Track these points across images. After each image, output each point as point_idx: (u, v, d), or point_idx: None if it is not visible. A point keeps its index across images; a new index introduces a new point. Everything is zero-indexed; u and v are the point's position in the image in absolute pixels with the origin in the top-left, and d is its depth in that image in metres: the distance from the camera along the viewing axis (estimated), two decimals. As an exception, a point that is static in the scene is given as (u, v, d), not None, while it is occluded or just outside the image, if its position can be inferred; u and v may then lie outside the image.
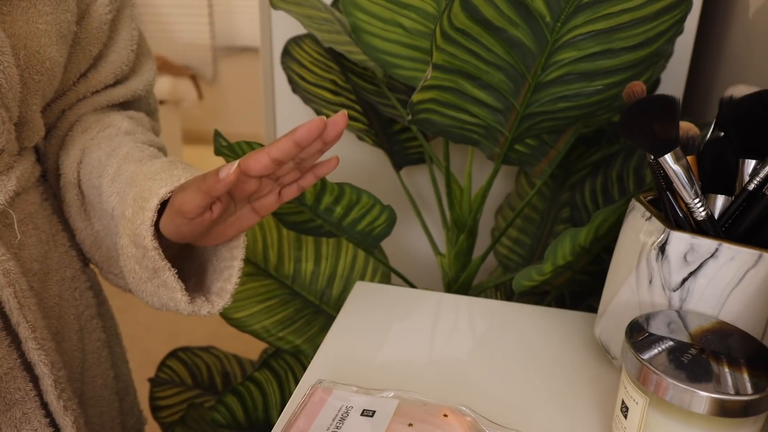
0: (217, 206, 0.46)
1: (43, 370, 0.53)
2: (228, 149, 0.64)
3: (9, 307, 0.51)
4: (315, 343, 0.83)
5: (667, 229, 0.48)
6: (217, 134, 0.64)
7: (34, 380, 0.53)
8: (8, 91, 0.49)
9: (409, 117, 0.67)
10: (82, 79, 0.61)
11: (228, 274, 0.52)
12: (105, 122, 0.61)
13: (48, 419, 0.54)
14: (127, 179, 0.53)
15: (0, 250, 0.51)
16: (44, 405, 0.54)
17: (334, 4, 0.91)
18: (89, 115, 0.62)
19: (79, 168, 0.58)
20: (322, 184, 0.65)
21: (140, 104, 0.68)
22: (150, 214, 0.48)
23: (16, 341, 0.52)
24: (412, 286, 0.83)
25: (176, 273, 0.49)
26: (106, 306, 0.69)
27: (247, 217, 0.50)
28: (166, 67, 3.39)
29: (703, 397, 0.38)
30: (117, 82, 0.65)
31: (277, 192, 0.50)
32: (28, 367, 0.53)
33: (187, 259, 0.57)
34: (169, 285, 0.49)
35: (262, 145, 0.63)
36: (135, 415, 0.73)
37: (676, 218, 0.51)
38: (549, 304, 0.81)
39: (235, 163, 0.43)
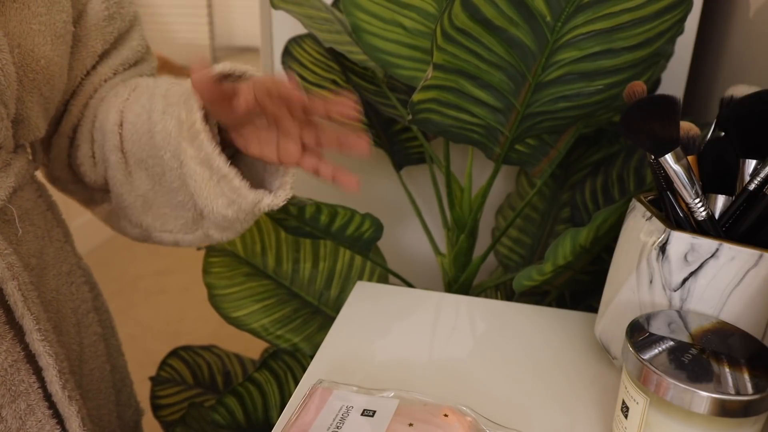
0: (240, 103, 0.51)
1: (47, 360, 0.53)
2: (228, 149, 0.64)
3: (13, 300, 0.51)
4: (313, 342, 0.83)
5: (668, 229, 0.48)
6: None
7: (37, 372, 0.54)
8: (6, 88, 0.50)
9: (410, 117, 0.67)
10: (93, 72, 0.63)
11: (283, 171, 0.58)
12: (132, 84, 0.63)
13: (51, 410, 0.54)
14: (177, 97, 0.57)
15: (2, 244, 0.51)
16: (47, 397, 0.54)
17: (335, 3, 0.91)
18: (106, 86, 0.64)
19: (122, 128, 0.60)
20: (300, 203, 0.67)
21: None
22: (197, 102, 0.53)
23: (19, 334, 0.52)
24: (410, 286, 0.83)
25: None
26: (101, 300, 0.70)
27: (269, 144, 0.55)
28: (166, 67, 3.38)
29: (703, 397, 0.38)
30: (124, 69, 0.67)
31: (299, 145, 0.54)
32: (31, 359, 0.53)
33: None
34: (226, 175, 0.54)
35: None
36: (132, 407, 0.73)
37: (677, 218, 0.51)
38: (549, 304, 0.81)
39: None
